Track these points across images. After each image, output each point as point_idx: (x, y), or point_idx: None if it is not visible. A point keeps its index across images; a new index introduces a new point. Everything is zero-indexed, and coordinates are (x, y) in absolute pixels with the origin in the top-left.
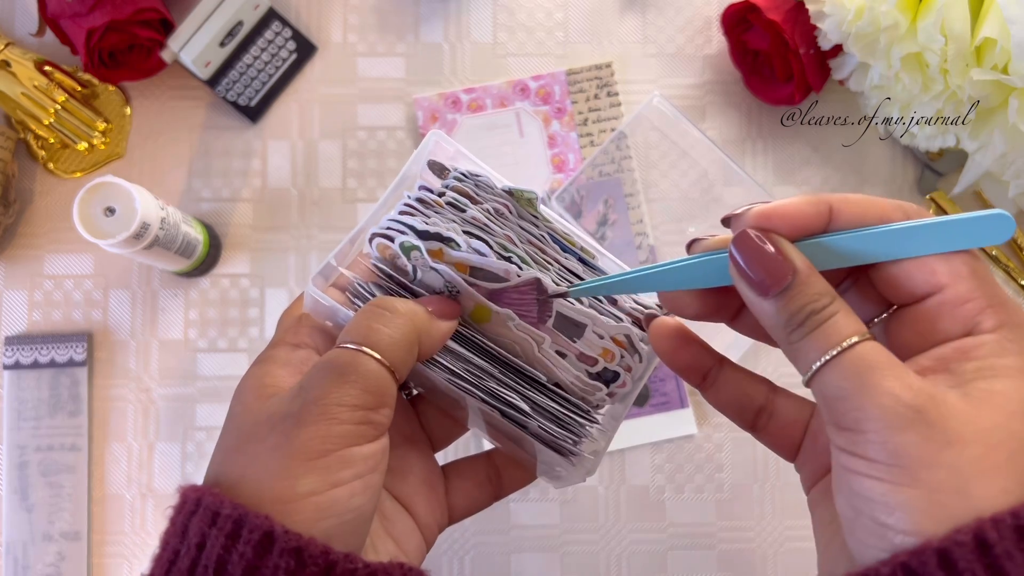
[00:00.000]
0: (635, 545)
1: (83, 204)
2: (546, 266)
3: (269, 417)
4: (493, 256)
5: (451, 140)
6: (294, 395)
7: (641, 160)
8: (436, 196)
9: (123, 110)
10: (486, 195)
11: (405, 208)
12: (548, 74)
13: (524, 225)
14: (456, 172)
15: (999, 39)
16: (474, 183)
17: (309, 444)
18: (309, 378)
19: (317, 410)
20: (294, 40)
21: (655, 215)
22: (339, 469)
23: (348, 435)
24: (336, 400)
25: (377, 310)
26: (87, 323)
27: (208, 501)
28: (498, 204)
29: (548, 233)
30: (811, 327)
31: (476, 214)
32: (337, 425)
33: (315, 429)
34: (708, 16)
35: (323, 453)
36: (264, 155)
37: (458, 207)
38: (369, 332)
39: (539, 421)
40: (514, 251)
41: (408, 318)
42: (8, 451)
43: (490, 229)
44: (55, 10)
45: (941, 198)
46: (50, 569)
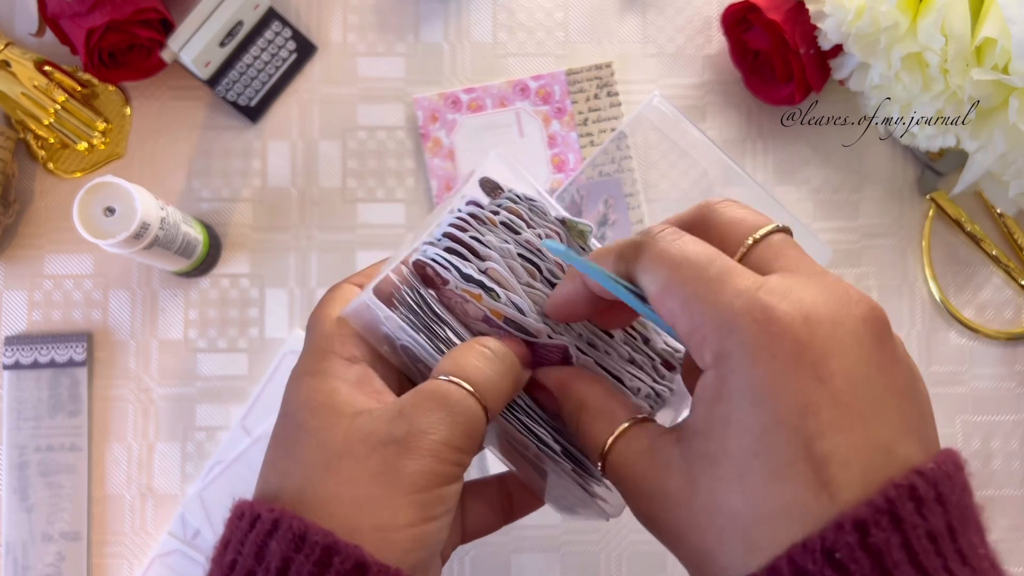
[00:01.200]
0: (635, 545)
1: (83, 204)
2: None
3: (366, 438)
4: (532, 315)
5: (506, 161)
6: (394, 419)
7: (641, 160)
8: (490, 213)
9: (123, 110)
10: (539, 221)
11: (457, 221)
12: (548, 74)
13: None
14: (512, 193)
15: (999, 39)
16: (528, 207)
17: (415, 478)
18: (413, 405)
19: (426, 445)
20: (294, 40)
21: (655, 215)
22: (435, 505)
23: (447, 474)
24: (444, 439)
25: (482, 350)
26: (87, 323)
27: (292, 524)
28: (550, 232)
29: None
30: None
31: (530, 237)
32: (439, 464)
33: (423, 464)
34: (708, 16)
35: (425, 488)
36: (264, 155)
37: (513, 228)
38: (480, 376)
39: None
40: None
41: (512, 366)
42: (8, 451)
43: (542, 254)
44: (55, 10)
45: (941, 198)
46: (50, 569)
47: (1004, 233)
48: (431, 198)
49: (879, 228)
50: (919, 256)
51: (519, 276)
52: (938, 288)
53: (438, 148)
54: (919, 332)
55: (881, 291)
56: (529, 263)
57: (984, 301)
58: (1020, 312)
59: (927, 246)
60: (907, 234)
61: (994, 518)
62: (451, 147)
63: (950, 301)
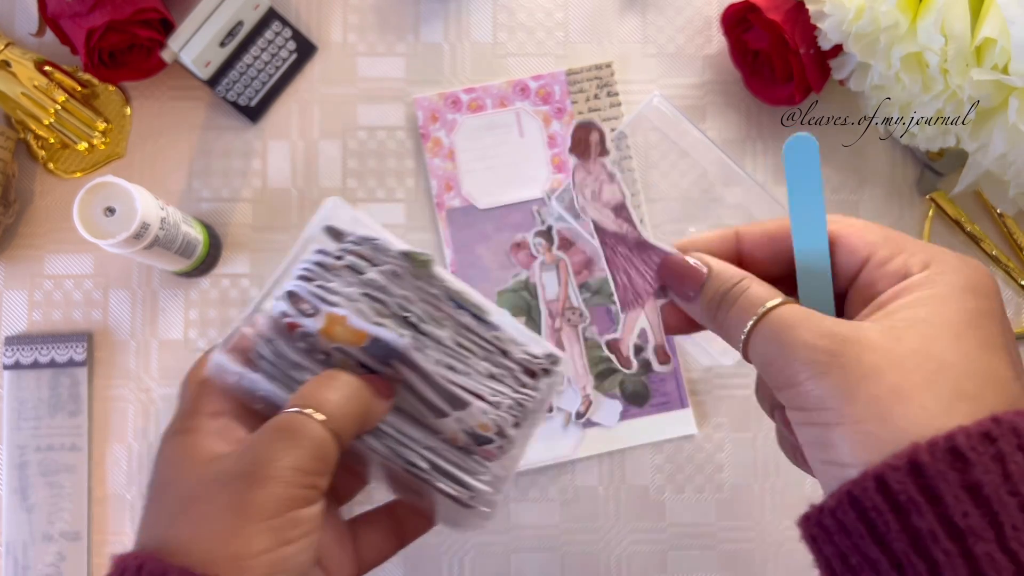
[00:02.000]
0: (635, 545)
1: (83, 204)
2: (442, 322)
3: (216, 478)
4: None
5: (348, 206)
6: (242, 456)
7: (641, 160)
8: (334, 260)
9: (123, 110)
10: (383, 257)
11: (304, 272)
12: (548, 74)
13: (420, 285)
14: (354, 236)
15: (999, 39)
16: (371, 246)
17: (263, 505)
18: (259, 439)
19: (269, 472)
20: (294, 40)
21: (655, 215)
22: (289, 529)
23: (296, 498)
24: (286, 463)
25: (329, 380)
26: (87, 323)
27: (152, 567)
28: (395, 266)
29: (443, 292)
30: (729, 303)
31: (374, 276)
32: (287, 488)
33: (266, 491)
34: (708, 16)
35: (276, 513)
36: (264, 155)
37: (356, 270)
38: (321, 400)
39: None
40: (412, 309)
41: (358, 391)
42: (8, 451)
43: (388, 290)
44: (55, 10)
45: (941, 198)
46: (50, 569)
47: (1004, 233)
48: (431, 198)
49: None
50: None
51: (368, 316)
52: None
53: (438, 148)
54: None
55: None
56: (376, 301)
57: None
58: (1020, 312)
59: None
60: (907, 234)
61: None
62: (451, 147)
63: None
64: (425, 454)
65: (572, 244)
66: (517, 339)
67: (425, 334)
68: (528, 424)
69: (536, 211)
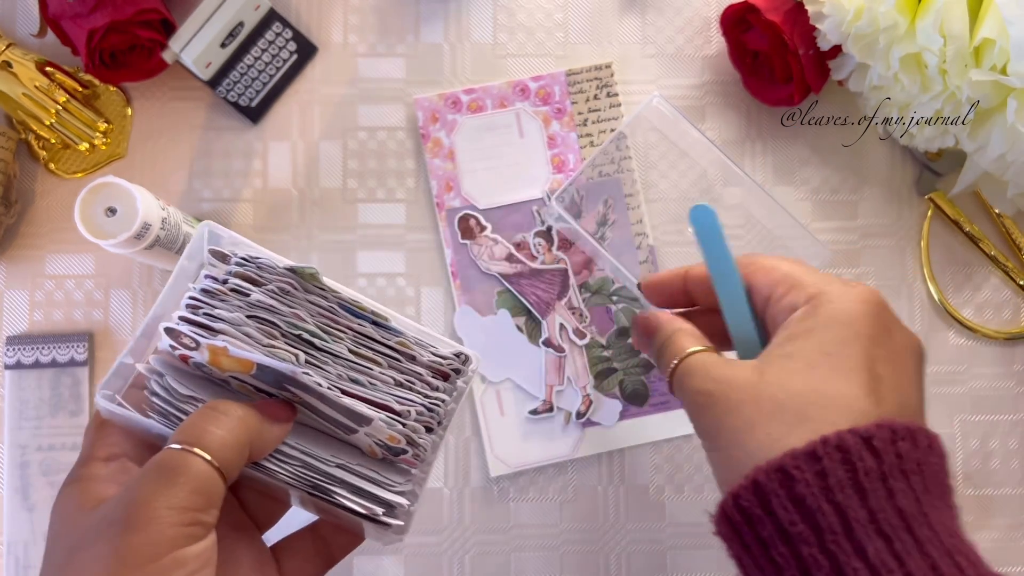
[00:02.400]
0: (635, 545)
1: (84, 204)
2: (339, 335)
3: (96, 525)
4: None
5: (224, 228)
6: (120, 500)
7: (641, 160)
8: (220, 285)
9: (124, 111)
10: (269, 276)
11: (190, 302)
12: (548, 75)
13: (312, 299)
14: (236, 258)
15: (998, 39)
16: (256, 266)
17: (139, 550)
18: (135, 481)
19: (145, 514)
20: (295, 41)
21: (655, 215)
22: (171, 570)
23: (178, 538)
24: (164, 503)
25: (211, 412)
26: (88, 323)
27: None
28: (282, 283)
29: (338, 303)
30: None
31: (260, 297)
32: (167, 528)
33: (144, 535)
34: (707, 17)
35: (154, 558)
36: (265, 156)
37: (242, 292)
38: (202, 433)
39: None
40: (303, 327)
41: (242, 421)
42: (9, 451)
43: (276, 310)
44: (56, 11)
45: (940, 198)
46: None
47: (1002, 233)
48: (431, 198)
49: (878, 228)
50: (918, 256)
51: (258, 340)
52: (936, 288)
53: (438, 148)
54: (918, 332)
55: (880, 291)
56: (265, 323)
57: (983, 301)
58: (1018, 312)
59: (926, 246)
60: (906, 234)
61: (992, 517)
62: (451, 147)
63: (948, 301)
64: (336, 473)
65: (572, 244)
66: (424, 342)
67: (321, 350)
68: (443, 427)
69: (536, 211)
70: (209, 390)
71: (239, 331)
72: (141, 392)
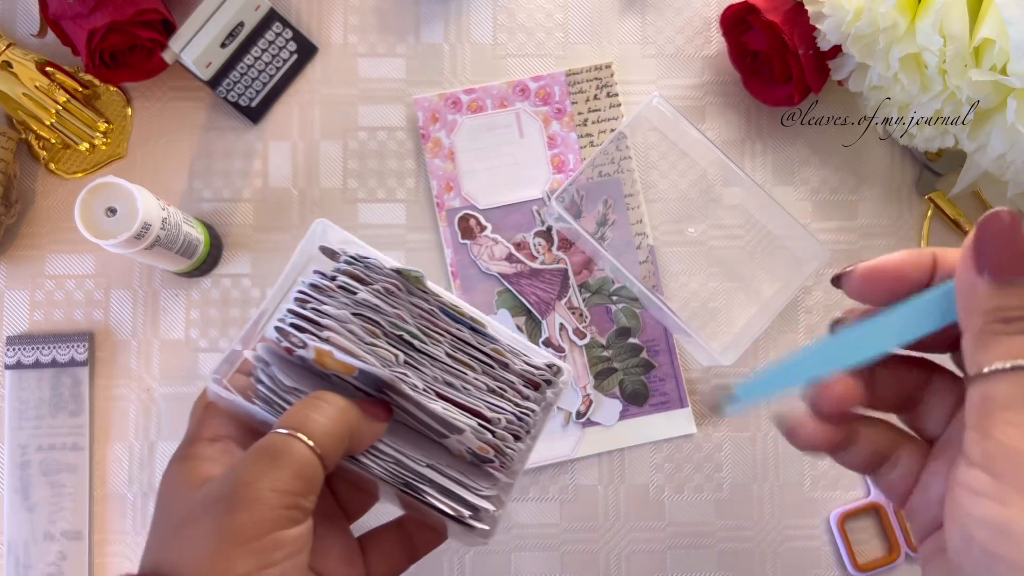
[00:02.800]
0: (635, 545)
1: (84, 204)
2: (438, 338)
3: (202, 501)
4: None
5: (337, 227)
6: (225, 479)
7: (640, 160)
8: (328, 281)
9: (124, 111)
10: (376, 276)
11: (299, 295)
12: (548, 75)
13: (415, 301)
14: (346, 256)
15: (997, 39)
16: (364, 265)
17: (243, 528)
18: (241, 462)
19: (249, 494)
20: (295, 41)
21: (655, 215)
22: (271, 551)
23: (279, 519)
24: (268, 485)
25: (316, 401)
26: (88, 323)
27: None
28: (388, 284)
29: (438, 307)
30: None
31: (366, 296)
32: (269, 510)
33: (248, 514)
34: (707, 17)
35: (256, 537)
36: (265, 156)
37: (349, 290)
38: (305, 420)
39: (436, 497)
40: (405, 328)
41: (344, 413)
42: (9, 450)
43: (381, 309)
44: (56, 11)
45: (940, 198)
46: (51, 568)
47: None
48: (431, 198)
49: (878, 228)
50: None
51: (361, 338)
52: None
53: (438, 148)
54: None
55: None
56: (368, 322)
57: None
58: None
59: (926, 246)
60: (906, 234)
61: None
62: (451, 147)
63: None
64: (426, 472)
65: (572, 244)
66: (517, 350)
67: (420, 351)
68: (531, 436)
69: (536, 211)
70: (311, 382)
71: (344, 327)
72: (246, 378)
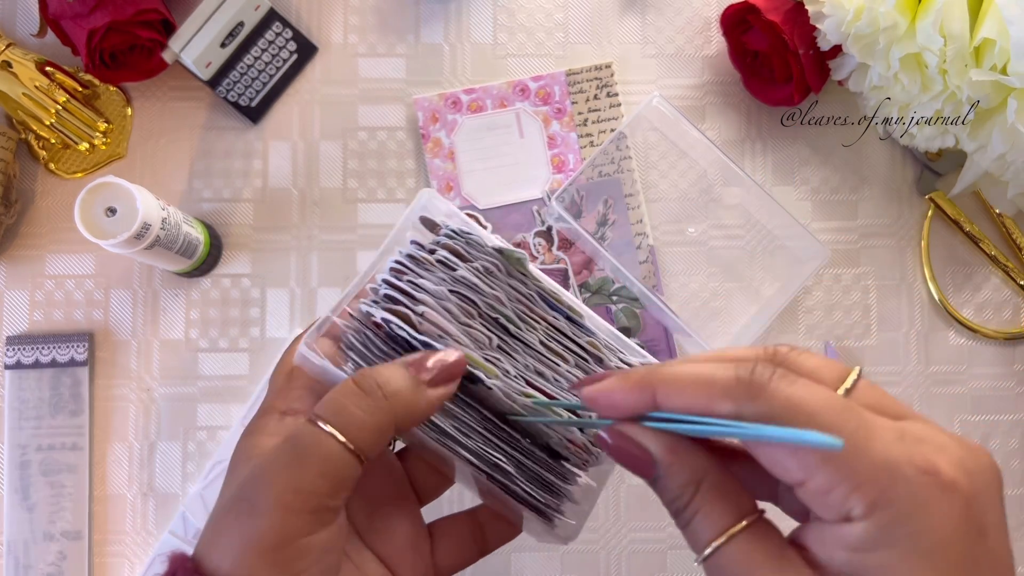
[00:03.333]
0: (635, 545)
1: (84, 204)
2: (533, 325)
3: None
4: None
5: (444, 199)
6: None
7: (641, 160)
8: (427, 253)
9: (124, 110)
10: (476, 253)
11: (396, 265)
12: (548, 75)
13: (513, 284)
14: (447, 229)
15: (998, 39)
16: (465, 241)
17: (263, 535)
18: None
19: (270, 497)
20: (295, 41)
21: (655, 215)
22: (295, 560)
23: (303, 525)
24: (291, 486)
25: (353, 388)
26: (88, 323)
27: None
28: (488, 263)
29: (537, 292)
30: (682, 524)
31: (465, 274)
32: (291, 515)
33: (268, 521)
34: (707, 17)
35: (278, 545)
36: (265, 155)
37: (449, 266)
38: (339, 411)
39: (523, 484)
40: (501, 311)
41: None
42: (9, 450)
43: (479, 289)
44: (56, 11)
45: (940, 198)
46: (51, 568)
47: (1003, 233)
48: None
49: (878, 228)
50: (918, 256)
51: (456, 316)
52: (937, 288)
53: (438, 148)
54: (918, 332)
55: (880, 291)
56: (465, 301)
57: (983, 301)
58: (1018, 312)
59: (926, 246)
60: (906, 234)
61: None
62: (451, 147)
63: (949, 301)
64: (516, 456)
65: (572, 244)
66: (613, 346)
67: (514, 336)
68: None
69: (536, 211)
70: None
71: (440, 304)
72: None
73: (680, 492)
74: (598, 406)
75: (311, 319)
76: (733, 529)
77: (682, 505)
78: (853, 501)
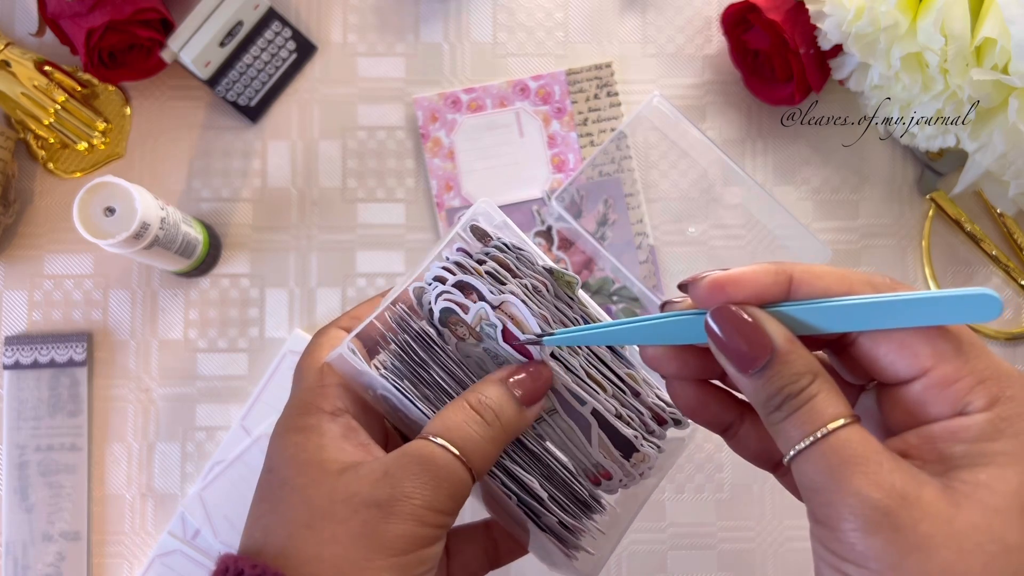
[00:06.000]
0: (635, 545)
1: (83, 204)
2: (576, 349)
3: (349, 498)
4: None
5: (498, 210)
6: (379, 481)
7: (641, 160)
8: (475, 262)
9: (123, 110)
10: (526, 270)
11: (442, 271)
12: (548, 74)
13: (559, 306)
14: (499, 241)
15: (999, 39)
16: (516, 256)
17: (395, 541)
18: (398, 468)
19: (407, 509)
20: (294, 40)
21: (655, 215)
22: (415, 566)
23: (428, 537)
24: (429, 504)
25: (474, 416)
26: (87, 323)
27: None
28: (536, 281)
29: (582, 317)
30: (789, 411)
31: (515, 289)
32: (422, 527)
33: (405, 528)
34: (708, 16)
35: (405, 551)
36: (264, 155)
37: (498, 279)
38: (467, 439)
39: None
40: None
41: (503, 431)
42: (8, 451)
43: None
44: (55, 10)
45: (941, 198)
46: (50, 569)
47: (1004, 233)
48: (431, 198)
49: (879, 228)
50: (919, 256)
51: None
52: (938, 288)
53: (438, 148)
54: None
55: None
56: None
57: None
58: (1020, 312)
59: (927, 246)
60: (907, 234)
61: None
62: (451, 147)
63: None
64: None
65: (572, 244)
66: (651, 381)
67: (556, 358)
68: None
69: (536, 211)
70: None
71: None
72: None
73: (795, 379)
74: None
75: (310, 319)
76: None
77: (796, 390)
78: (975, 394)
